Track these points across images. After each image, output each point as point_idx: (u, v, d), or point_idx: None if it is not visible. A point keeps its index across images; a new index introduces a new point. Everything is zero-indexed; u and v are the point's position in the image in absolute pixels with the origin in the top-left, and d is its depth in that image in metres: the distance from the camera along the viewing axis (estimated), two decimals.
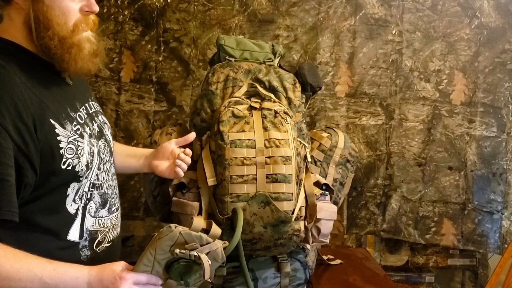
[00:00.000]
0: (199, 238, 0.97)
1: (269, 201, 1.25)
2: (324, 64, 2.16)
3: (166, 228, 0.96)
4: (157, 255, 0.96)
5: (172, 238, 0.95)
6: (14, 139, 0.89)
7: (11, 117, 0.89)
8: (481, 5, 2.16)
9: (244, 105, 1.36)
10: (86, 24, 1.00)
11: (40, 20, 0.94)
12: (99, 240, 1.08)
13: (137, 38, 2.06)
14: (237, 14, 2.09)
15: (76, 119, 1.02)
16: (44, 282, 0.89)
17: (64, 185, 0.99)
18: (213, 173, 1.29)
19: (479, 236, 2.25)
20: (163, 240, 0.95)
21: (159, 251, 0.96)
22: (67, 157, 0.97)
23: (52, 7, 0.94)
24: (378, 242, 2.34)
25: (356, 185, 2.20)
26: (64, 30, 0.96)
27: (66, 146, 0.97)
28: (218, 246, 0.99)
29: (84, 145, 1.01)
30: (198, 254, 0.94)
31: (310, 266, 1.57)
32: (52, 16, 0.95)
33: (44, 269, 0.90)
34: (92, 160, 1.03)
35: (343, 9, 2.14)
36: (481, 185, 2.23)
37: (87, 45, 1.00)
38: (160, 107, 2.12)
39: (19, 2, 0.94)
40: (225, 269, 1.38)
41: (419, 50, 2.19)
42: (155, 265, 0.96)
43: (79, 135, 1.01)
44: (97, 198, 1.07)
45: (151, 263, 0.96)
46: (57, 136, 0.96)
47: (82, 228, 1.04)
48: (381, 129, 2.22)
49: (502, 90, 2.20)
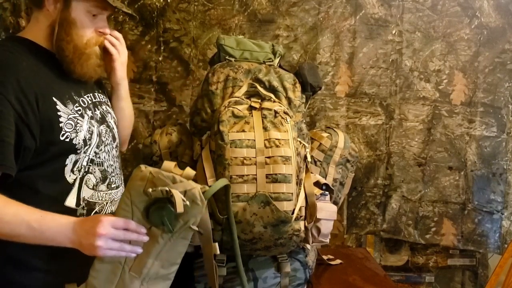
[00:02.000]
0: (170, 178, 0.98)
1: (269, 201, 1.25)
2: (324, 64, 2.16)
3: (136, 169, 0.98)
4: (133, 198, 0.97)
5: (143, 178, 0.97)
6: (15, 108, 1.03)
7: (13, 90, 1.04)
8: (481, 5, 2.16)
9: (244, 105, 1.36)
10: (96, 42, 1.20)
11: (63, 26, 1.13)
12: (96, 211, 1.19)
13: (137, 38, 2.06)
14: (237, 14, 2.09)
15: (78, 102, 1.18)
16: (31, 227, 0.98)
17: (63, 155, 1.13)
18: (213, 173, 1.29)
19: (479, 236, 2.25)
20: (135, 182, 0.97)
21: (133, 193, 0.97)
22: (66, 130, 1.12)
23: (75, 20, 1.14)
24: (378, 242, 2.34)
25: (356, 185, 2.20)
26: (79, 41, 1.16)
27: (65, 121, 1.12)
28: (193, 186, 0.99)
29: (83, 124, 1.16)
30: (168, 189, 0.95)
31: (310, 266, 1.57)
32: (73, 26, 1.14)
33: (32, 215, 0.99)
34: (90, 138, 1.17)
35: (343, 9, 2.14)
36: (481, 185, 2.23)
37: (94, 57, 1.19)
38: (160, 107, 2.12)
39: (50, 9, 1.14)
40: (225, 269, 1.38)
41: (419, 50, 2.19)
42: (134, 210, 0.97)
43: (80, 115, 1.16)
44: (98, 173, 1.20)
45: (129, 207, 0.98)
46: (58, 112, 1.11)
47: (78, 197, 1.15)
48: (381, 129, 2.22)
49: (502, 90, 2.20)
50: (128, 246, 0.98)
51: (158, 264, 1.01)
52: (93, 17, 1.17)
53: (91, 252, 0.98)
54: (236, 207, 1.26)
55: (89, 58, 1.18)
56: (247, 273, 1.41)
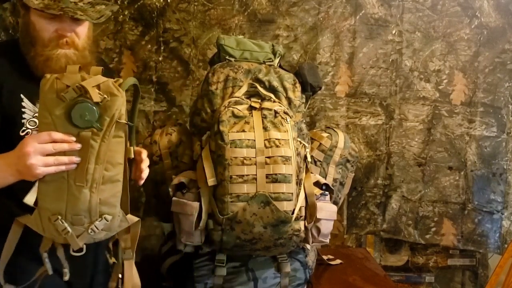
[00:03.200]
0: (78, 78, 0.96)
1: (269, 201, 1.25)
2: (324, 64, 2.16)
3: (42, 80, 0.96)
4: (50, 108, 0.95)
5: (52, 84, 0.95)
6: None
7: None
8: (481, 5, 2.16)
9: (244, 105, 1.36)
10: (57, 44, 1.16)
11: (25, 29, 1.17)
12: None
13: (137, 38, 2.06)
14: (237, 14, 2.09)
15: None
16: None
17: None
18: (213, 173, 1.29)
19: (479, 236, 2.25)
20: (45, 91, 0.95)
21: (48, 102, 0.95)
22: (28, 127, 1.15)
23: (34, 23, 1.15)
24: (378, 242, 2.34)
25: (356, 185, 2.20)
26: (39, 43, 1.16)
27: (29, 118, 1.15)
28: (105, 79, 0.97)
29: None
30: (80, 84, 0.94)
31: (310, 266, 1.57)
32: (33, 29, 1.16)
33: None
34: None
35: (343, 9, 2.14)
36: (481, 185, 2.23)
37: (62, 60, 1.16)
38: (160, 107, 2.11)
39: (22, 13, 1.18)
40: (225, 269, 1.38)
41: (419, 50, 2.19)
42: (55, 120, 0.95)
43: None
44: None
45: (49, 119, 0.95)
46: (22, 108, 1.15)
47: None
48: (381, 129, 2.22)
49: (502, 90, 2.20)
50: (65, 158, 0.96)
51: (100, 168, 0.99)
52: (52, 19, 1.15)
53: (31, 174, 0.96)
54: (236, 207, 1.26)
55: (53, 62, 1.15)
56: (247, 273, 1.41)
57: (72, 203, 0.98)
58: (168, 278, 1.50)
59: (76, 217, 0.99)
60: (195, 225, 1.31)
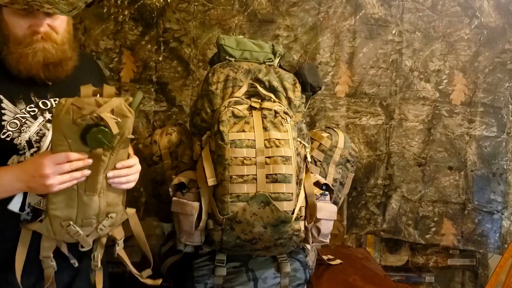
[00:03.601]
0: (94, 103, 1.00)
1: (269, 201, 1.25)
2: (324, 64, 2.16)
3: (57, 105, 0.99)
4: (65, 132, 0.99)
5: (68, 110, 0.98)
6: None
7: None
8: (481, 5, 2.16)
9: (244, 105, 1.36)
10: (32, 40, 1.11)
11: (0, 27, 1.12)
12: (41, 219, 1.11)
13: (137, 38, 2.06)
14: (237, 14, 2.09)
15: (36, 103, 1.14)
16: None
17: (3, 154, 1.10)
18: (213, 173, 1.29)
19: (479, 236, 2.25)
20: (61, 116, 0.98)
21: (63, 127, 0.99)
22: (8, 129, 1.10)
23: (7, 20, 1.10)
24: (378, 242, 2.34)
25: (356, 185, 2.20)
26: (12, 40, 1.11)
27: (9, 120, 1.10)
28: (118, 102, 1.01)
29: (32, 125, 1.12)
30: (97, 114, 0.98)
31: (310, 266, 1.57)
32: (6, 27, 1.11)
33: None
34: (39, 141, 1.13)
35: (343, 9, 2.14)
36: (481, 185, 2.23)
37: (40, 54, 1.11)
38: (160, 107, 2.12)
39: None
40: (225, 269, 1.38)
41: (419, 50, 2.19)
42: (70, 143, 1.00)
43: (32, 116, 1.13)
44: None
45: (64, 142, 1.00)
46: (2, 110, 1.10)
47: (24, 201, 1.11)
48: (381, 129, 2.22)
49: (502, 90, 2.20)
50: (78, 173, 1.01)
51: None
52: (24, 16, 1.10)
53: (46, 191, 1.01)
54: (236, 207, 1.26)
55: (25, 56, 1.10)
56: (247, 273, 1.41)
57: (83, 209, 1.06)
58: (168, 278, 1.50)
59: (86, 221, 1.08)
60: (195, 225, 1.31)
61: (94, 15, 2.02)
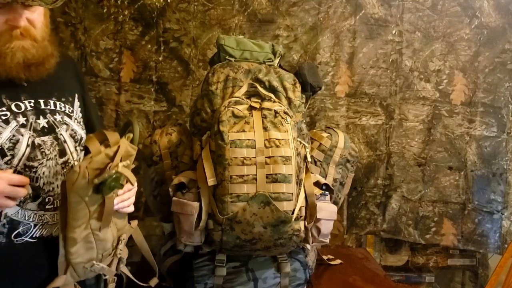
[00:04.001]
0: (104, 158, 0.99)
1: (269, 201, 1.25)
2: (324, 64, 2.16)
3: (72, 172, 0.97)
4: (81, 194, 0.99)
5: (84, 175, 0.97)
6: None
7: None
8: (481, 5, 2.16)
9: (244, 105, 1.36)
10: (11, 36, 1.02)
11: None
12: (19, 231, 1.05)
13: (137, 38, 2.06)
14: (237, 14, 2.09)
15: (8, 106, 1.04)
16: None
17: None
18: (213, 173, 1.28)
19: (479, 236, 2.25)
20: (77, 183, 0.97)
21: (80, 192, 0.98)
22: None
23: None
24: (378, 242, 2.34)
25: (356, 185, 2.20)
26: None
27: None
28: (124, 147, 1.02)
29: (4, 131, 1.02)
30: (116, 171, 0.98)
31: (310, 266, 1.57)
32: None
33: None
34: (13, 148, 1.03)
35: (343, 9, 2.14)
36: (481, 185, 2.23)
37: (19, 54, 1.02)
38: (160, 107, 2.12)
39: None
40: (225, 269, 1.38)
41: (419, 50, 2.19)
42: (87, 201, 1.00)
43: (3, 120, 1.03)
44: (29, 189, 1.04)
45: (82, 203, 1.00)
46: None
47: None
48: (381, 129, 2.22)
49: (502, 90, 2.20)
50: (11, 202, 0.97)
51: None
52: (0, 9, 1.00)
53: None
54: (236, 207, 1.26)
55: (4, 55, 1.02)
56: (247, 273, 1.41)
57: (101, 246, 1.08)
58: (168, 278, 1.50)
59: (106, 253, 1.10)
60: (195, 225, 1.31)
61: (94, 15, 2.02)
